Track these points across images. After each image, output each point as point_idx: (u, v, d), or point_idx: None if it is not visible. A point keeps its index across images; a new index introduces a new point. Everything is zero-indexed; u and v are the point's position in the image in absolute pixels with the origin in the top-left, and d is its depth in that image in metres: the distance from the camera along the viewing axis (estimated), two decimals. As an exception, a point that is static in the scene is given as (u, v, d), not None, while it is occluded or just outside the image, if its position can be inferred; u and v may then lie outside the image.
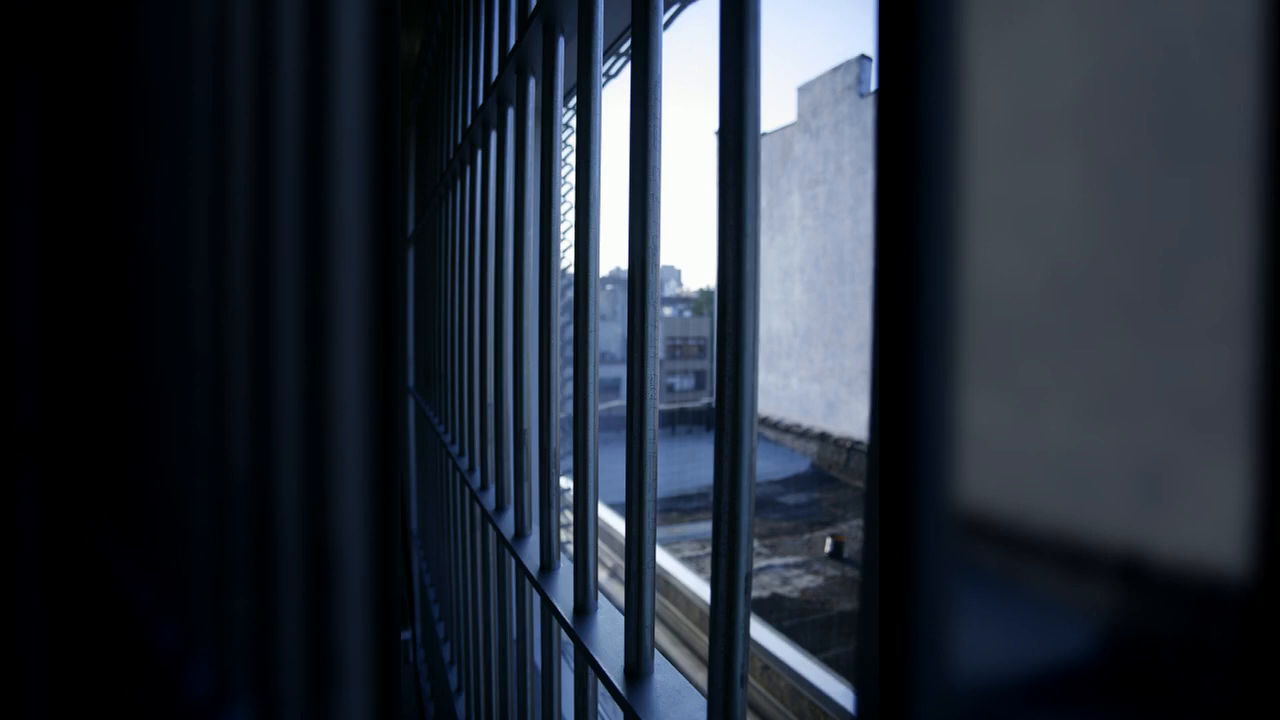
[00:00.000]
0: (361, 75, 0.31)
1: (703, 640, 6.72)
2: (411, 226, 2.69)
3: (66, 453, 0.34)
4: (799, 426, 13.52)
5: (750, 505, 0.37)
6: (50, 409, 0.33)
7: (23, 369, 0.32)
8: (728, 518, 0.39)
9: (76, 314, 0.34)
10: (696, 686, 0.45)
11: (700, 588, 7.16)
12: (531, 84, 0.96)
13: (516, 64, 0.95)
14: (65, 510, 0.34)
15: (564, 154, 1.85)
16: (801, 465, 13.01)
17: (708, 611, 1.04)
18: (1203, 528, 0.17)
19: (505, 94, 1.03)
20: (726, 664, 0.37)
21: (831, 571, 9.18)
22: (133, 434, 0.36)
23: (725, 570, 0.37)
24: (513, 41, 0.98)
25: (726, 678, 0.37)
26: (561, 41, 0.82)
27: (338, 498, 0.33)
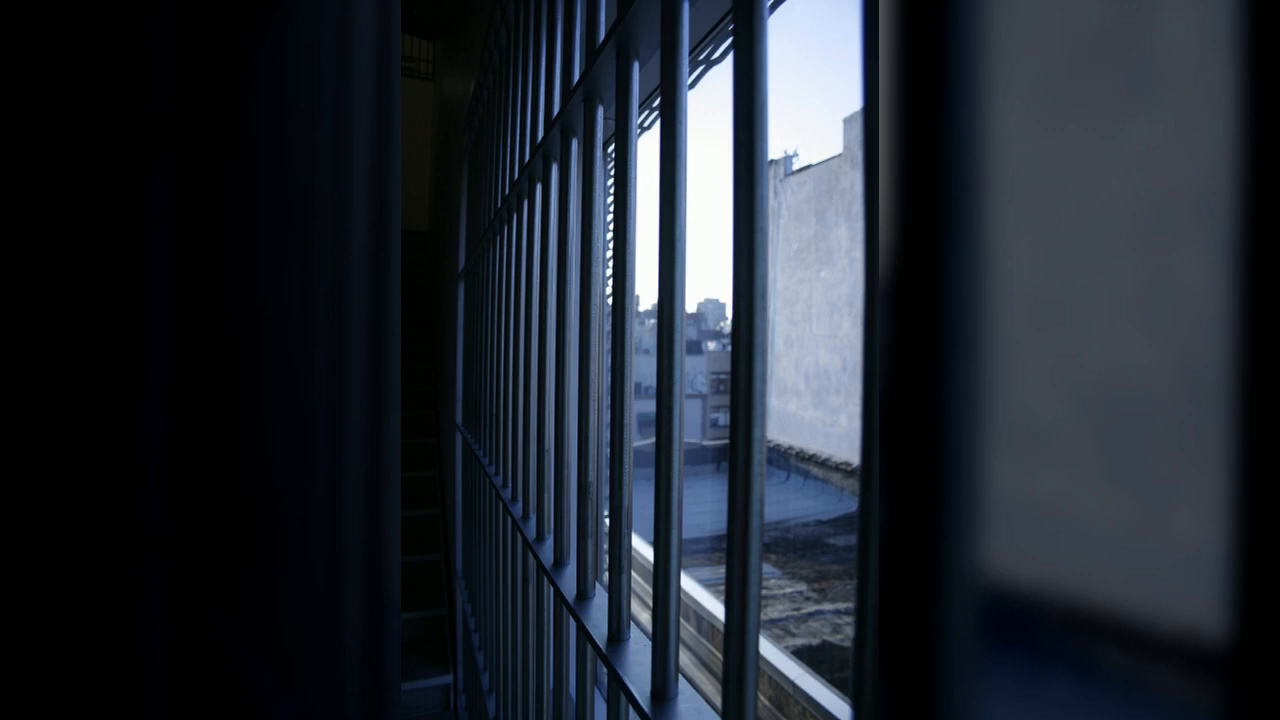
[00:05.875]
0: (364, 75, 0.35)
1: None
2: (462, 263, 2.81)
3: (194, 546, 0.38)
4: (848, 465, 13.12)
5: (760, 512, 0.39)
6: (179, 504, 0.37)
7: (152, 468, 0.36)
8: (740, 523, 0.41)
9: (207, 410, 0.38)
10: (714, 708, 0.46)
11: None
12: (600, 113, 0.92)
13: (585, 92, 0.90)
14: (192, 605, 0.38)
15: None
16: (851, 505, 12.56)
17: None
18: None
19: (570, 124, 0.99)
20: (739, 685, 0.38)
21: (886, 618, 8.72)
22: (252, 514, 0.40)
23: (738, 595, 0.39)
24: (579, 71, 0.96)
25: (739, 697, 0.38)
26: (636, 66, 0.76)
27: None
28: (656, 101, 1.43)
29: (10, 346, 0.35)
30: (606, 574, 0.81)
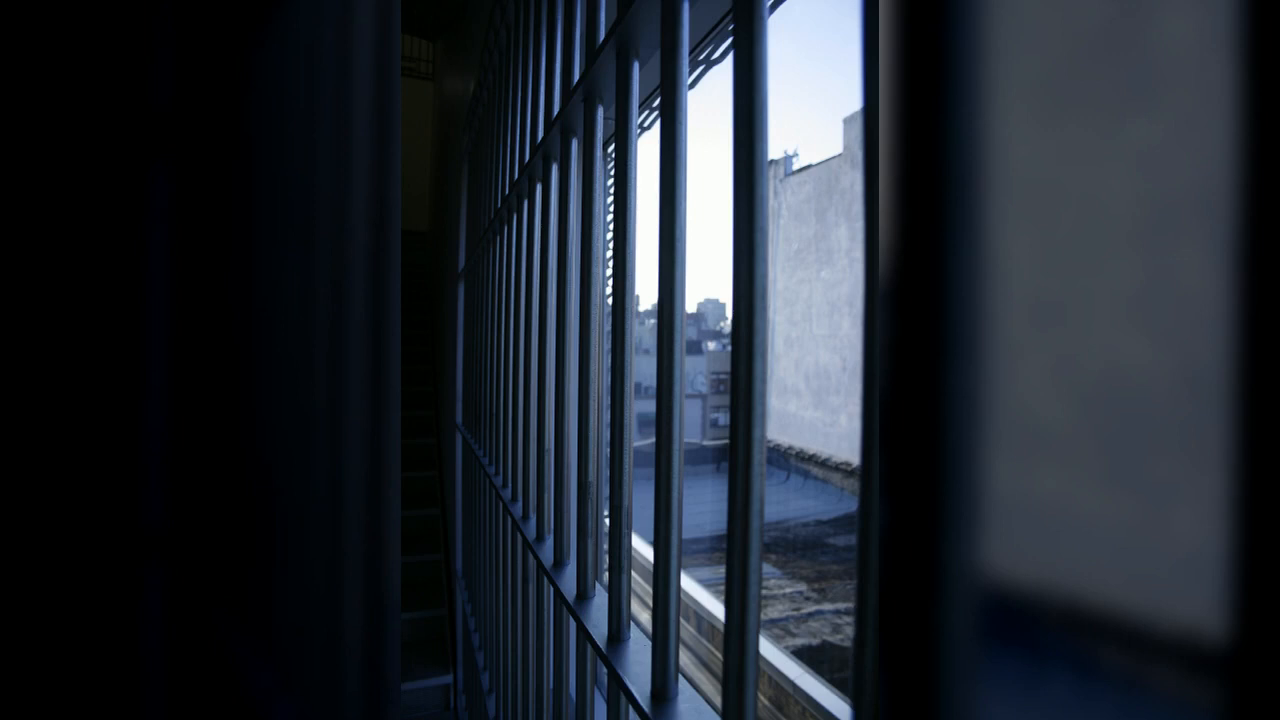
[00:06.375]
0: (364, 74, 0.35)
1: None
2: (462, 263, 2.81)
3: (194, 546, 0.38)
4: (848, 465, 13.12)
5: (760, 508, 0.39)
6: (179, 504, 0.37)
7: (152, 468, 0.36)
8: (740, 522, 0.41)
9: (207, 412, 0.38)
10: (714, 708, 0.46)
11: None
12: (600, 113, 0.90)
13: (585, 92, 0.89)
14: (192, 605, 0.38)
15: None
16: (851, 505, 12.55)
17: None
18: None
19: (570, 124, 0.99)
20: (739, 685, 0.38)
21: (886, 618, 8.68)
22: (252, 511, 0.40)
23: (738, 595, 0.39)
24: (579, 71, 0.94)
25: (739, 697, 0.38)
26: (636, 66, 0.76)
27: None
28: (656, 101, 1.43)
29: (11, 346, 0.35)
30: (606, 574, 0.81)
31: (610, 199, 1.76)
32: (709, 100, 3.00)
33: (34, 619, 0.35)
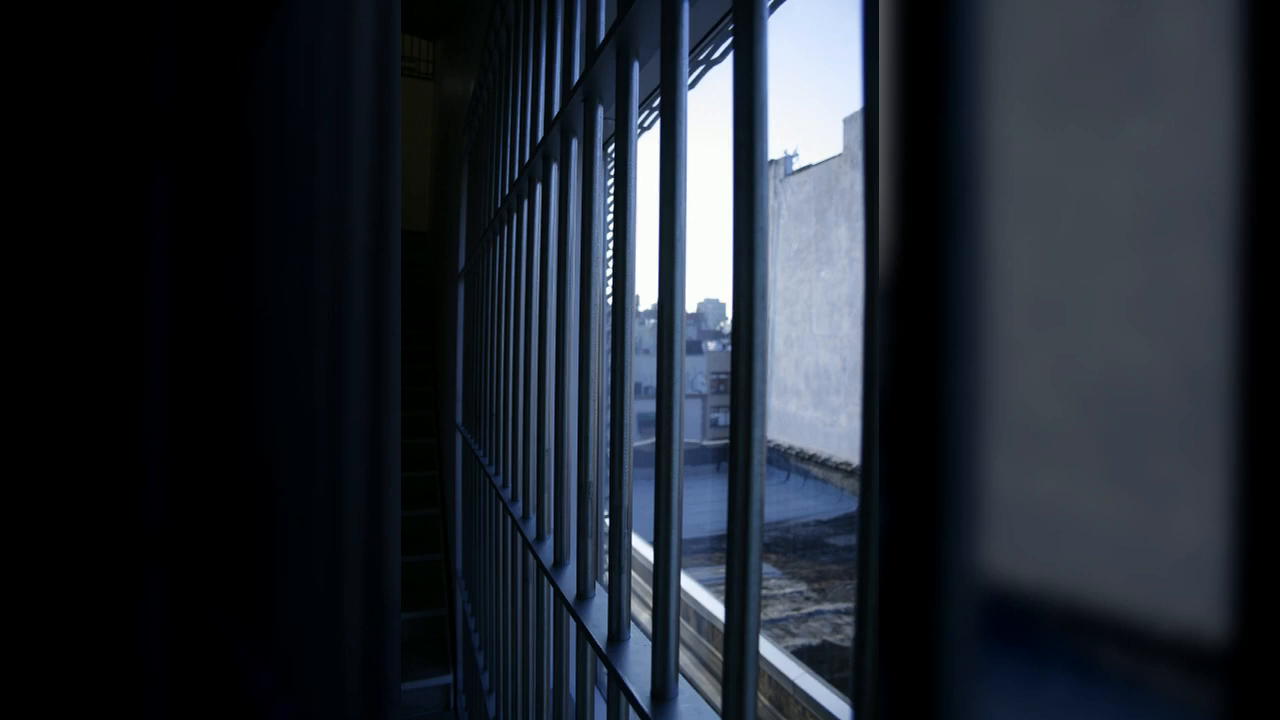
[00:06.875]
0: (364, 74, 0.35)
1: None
2: (462, 263, 2.81)
3: (194, 546, 0.38)
4: (848, 465, 13.12)
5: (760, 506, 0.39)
6: (179, 504, 0.37)
7: (152, 468, 0.36)
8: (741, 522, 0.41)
9: (207, 413, 0.38)
10: (714, 708, 0.46)
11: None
12: (600, 113, 0.90)
13: (585, 92, 0.89)
14: (192, 605, 0.38)
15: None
16: (851, 505, 12.55)
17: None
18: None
19: (570, 124, 0.99)
20: (739, 685, 0.38)
21: (885, 618, 8.68)
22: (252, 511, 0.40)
23: (738, 595, 0.39)
24: (579, 71, 0.94)
25: (739, 697, 0.38)
26: (636, 66, 0.76)
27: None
28: (656, 101, 1.43)
29: (11, 346, 0.35)
30: (606, 574, 0.81)
31: (610, 199, 1.76)
32: (709, 100, 3.00)
33: (34, 619, 0.35)
